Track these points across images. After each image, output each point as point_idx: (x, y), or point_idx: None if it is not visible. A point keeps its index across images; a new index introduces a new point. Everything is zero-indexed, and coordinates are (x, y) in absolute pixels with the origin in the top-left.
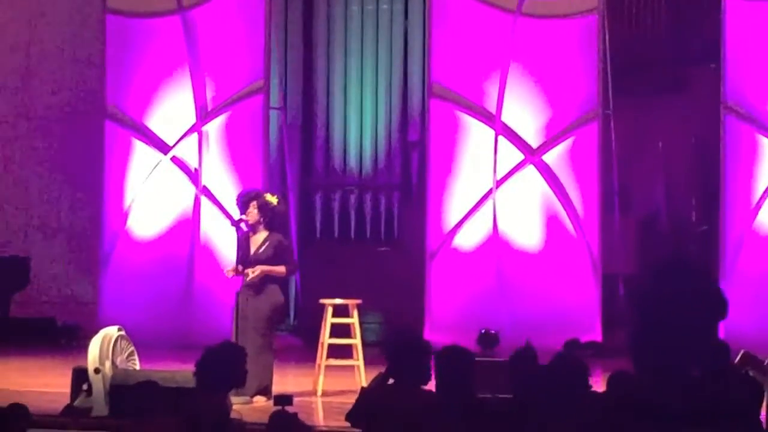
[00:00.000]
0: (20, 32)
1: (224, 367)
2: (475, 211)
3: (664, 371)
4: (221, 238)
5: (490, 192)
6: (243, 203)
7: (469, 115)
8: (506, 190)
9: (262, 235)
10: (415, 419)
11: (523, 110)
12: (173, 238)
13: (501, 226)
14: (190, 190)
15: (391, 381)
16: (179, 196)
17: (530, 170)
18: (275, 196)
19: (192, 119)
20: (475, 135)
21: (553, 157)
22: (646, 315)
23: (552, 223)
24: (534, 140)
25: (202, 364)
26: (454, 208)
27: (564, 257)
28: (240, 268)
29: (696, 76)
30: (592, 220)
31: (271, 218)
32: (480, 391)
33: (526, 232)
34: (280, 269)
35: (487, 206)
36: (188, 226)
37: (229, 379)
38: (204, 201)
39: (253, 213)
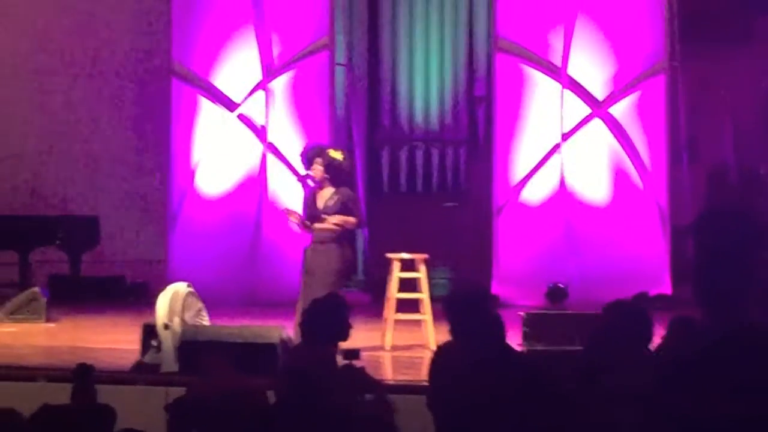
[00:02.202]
0: None
1: (328, 320)
2: (542, 165)
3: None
4: (288, 195)
5: (557, 146)
6: (307, 159)
7: (535, 68)
8: (573, 144)
9: (329, 190)
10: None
11: (590, 63)
12: (240, 195)
13: (568, 180)
14: (257, 147)
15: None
16: (246, 154)
17: (597, 123)
18: (339, 151)
19: (258, 76)
20: (542, 89)
21: (619, 110)
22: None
23: (619, 176)
24: (600, 93)
25: (307, 317)
26: (521, 162)
27: (632, 210)
28: (307, 222)
29: (763, 26)
30: (659, 173)
31: (337, 174)
32: (551, 343)
33: (594, 186)
34: (352, 220)
35: (554, 160)
36: (255, 183)
37: (334, 331)
38: (271, 158)
39: (318, 169)
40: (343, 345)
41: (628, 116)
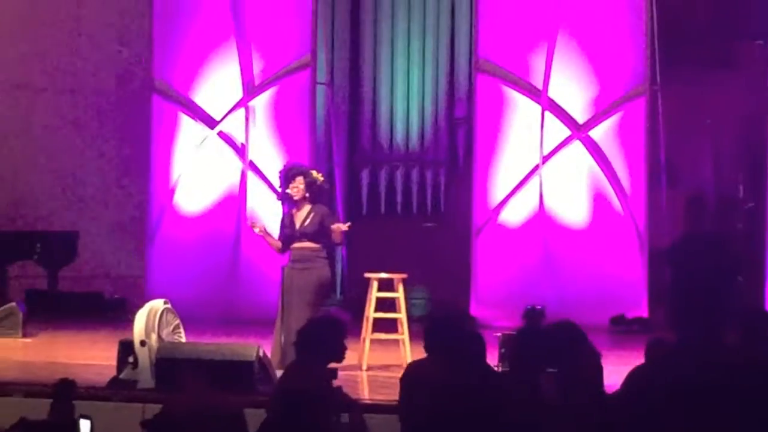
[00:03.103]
0: (68, 7)
1: (324, 340)
2: (522, 186)
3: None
4: (267, 213)
5: (536, 168)
6: (289, 177)
7: (516, 90)
8: (552, 166)
9: (305, 210)
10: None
11: (570, 86)
12: (220, 213)
13: (547, 202)
14: (237, 165)
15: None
16: (226, 172)
17: (577, 146)
18: (320, 174)
19: (239, 94)
20: (522, 110)
21: (599, 132)
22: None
23: (598, 199)
24: (581, 116)
25: (303, 336)
26: (501, 183)
27: (610, 233)
28: (270, 235)
29: (744, 52)
30: (638, 196)
31: (317, 194)
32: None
33: (573, 208)
34: (341, 227)
35: (534, 182)
36: (235, 201)
37: (329, 352)
38: (250, 176)
39: (299, 188)
40: None
41: (607, 139)
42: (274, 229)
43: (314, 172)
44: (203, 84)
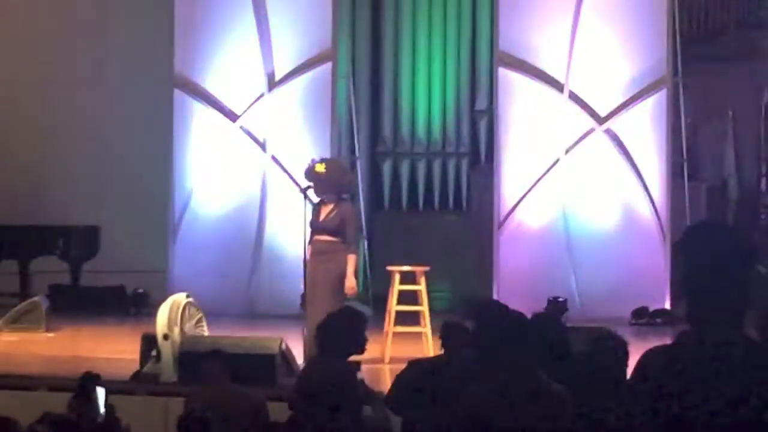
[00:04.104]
0: (90, 3)
1: (345, 333)
2: (544, 179)
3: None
4: (289, 206)
5: (558, 160)
6: (307, 179)
7: (537, 82)
8: (574, 158)
9: (331, 204)
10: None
11: (592, 77)
12: (242, 207)
13: (569, 194)
14: (259, 158)
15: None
16: (248, 165)
17: (598, 137)
18: (323, 164)
19: (260, 87)
20: (544, 103)
21: (621, 124)
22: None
23: (620, 191)
24: (602, 108)
25: (324, 329)
26: (523, 176)
27: (633, 226)
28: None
29: (765, 42)
30: (660, 188)
31: (338, 188)
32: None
33: (594, 201)
34: (353, 260)
35: (556, 174)
36: (257, 195)
37: (350, 344)
38: (273, 170)
39: (320, 185)
40: None
41: (629, 131)
42: (291, 224)
43: (317, 165)
44: (225, 77)
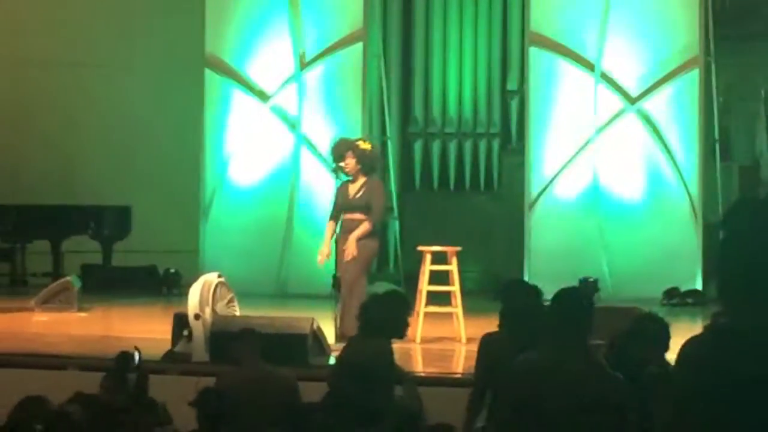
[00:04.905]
0: None
1: (388, 316)
2: (575, 159)
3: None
4: (321, 186)
5: (590, 140)
6: (338, 153)
7: (569, 63)
8: (606, 139)
9: (360, 181)
10: None
11: (624, 58)
12: (273, 186)
13: (601, 174)
14: (290, 138)
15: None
16: (279, 145)
17: (630, 118)
18: (368, 142)
19: (291, 68)
20: (575, 83)
21: (653, 104)
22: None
23: (652, 171)
24: (634, 88)
25: (366, 311)
26: (554, 156)
27: (664, 205)
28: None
29: None
30: (692, 168)
31: (369, 164)
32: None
33: (627, 181)
34: (365, 227)
35: (587, 155)
36: (288, 174)
37: (391, 327)
38: (304, 150)
39: (350, 163)
40: None
41: (661, 111)
42: (321, 204)
43: (361, 143)
44: (256, 58)
